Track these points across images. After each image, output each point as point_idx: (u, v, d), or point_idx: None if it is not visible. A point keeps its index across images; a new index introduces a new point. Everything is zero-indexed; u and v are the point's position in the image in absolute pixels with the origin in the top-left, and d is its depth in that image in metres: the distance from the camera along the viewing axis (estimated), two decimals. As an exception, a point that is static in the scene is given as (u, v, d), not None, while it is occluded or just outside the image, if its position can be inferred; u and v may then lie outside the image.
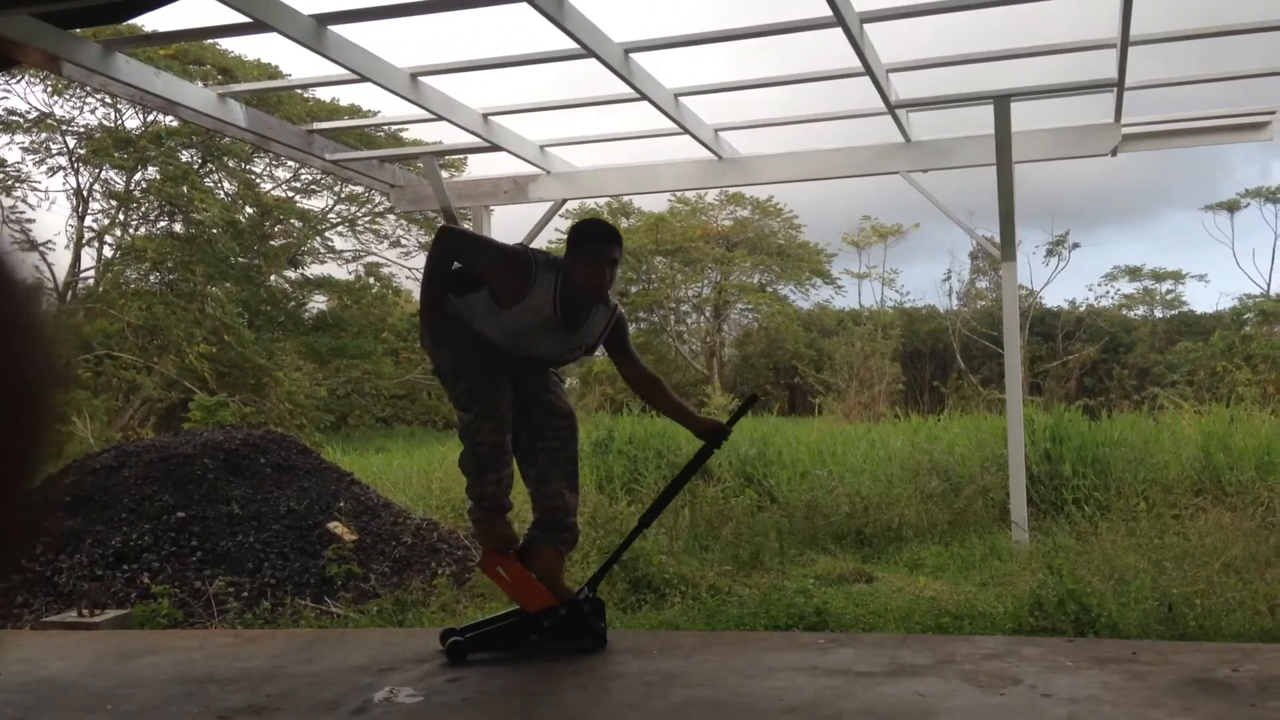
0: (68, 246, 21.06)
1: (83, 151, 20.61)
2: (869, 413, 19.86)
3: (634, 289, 30.51)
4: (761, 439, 10.77)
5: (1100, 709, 3.56)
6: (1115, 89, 7.02)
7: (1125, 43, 6.17)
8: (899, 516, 8.00)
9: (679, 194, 28.85)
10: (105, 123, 20.56)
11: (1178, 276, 30.39)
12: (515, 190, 9.16)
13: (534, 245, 5.81)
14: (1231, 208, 28.49)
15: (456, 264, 4.69)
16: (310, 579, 6.40)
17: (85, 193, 21.14)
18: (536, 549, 4.73)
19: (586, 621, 4.66)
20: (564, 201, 9.33)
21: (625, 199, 28.36)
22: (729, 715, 3.72)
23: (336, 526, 6.88)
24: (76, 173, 21.02)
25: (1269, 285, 27.30)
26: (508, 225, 12.85)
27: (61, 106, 20.27)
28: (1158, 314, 30.69)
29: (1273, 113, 7.78)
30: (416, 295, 4.94)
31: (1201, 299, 47.44)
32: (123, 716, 3.97)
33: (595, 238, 4.63)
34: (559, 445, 4.81)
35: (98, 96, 19.62)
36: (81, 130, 20.57)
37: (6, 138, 20.12)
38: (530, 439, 4.77)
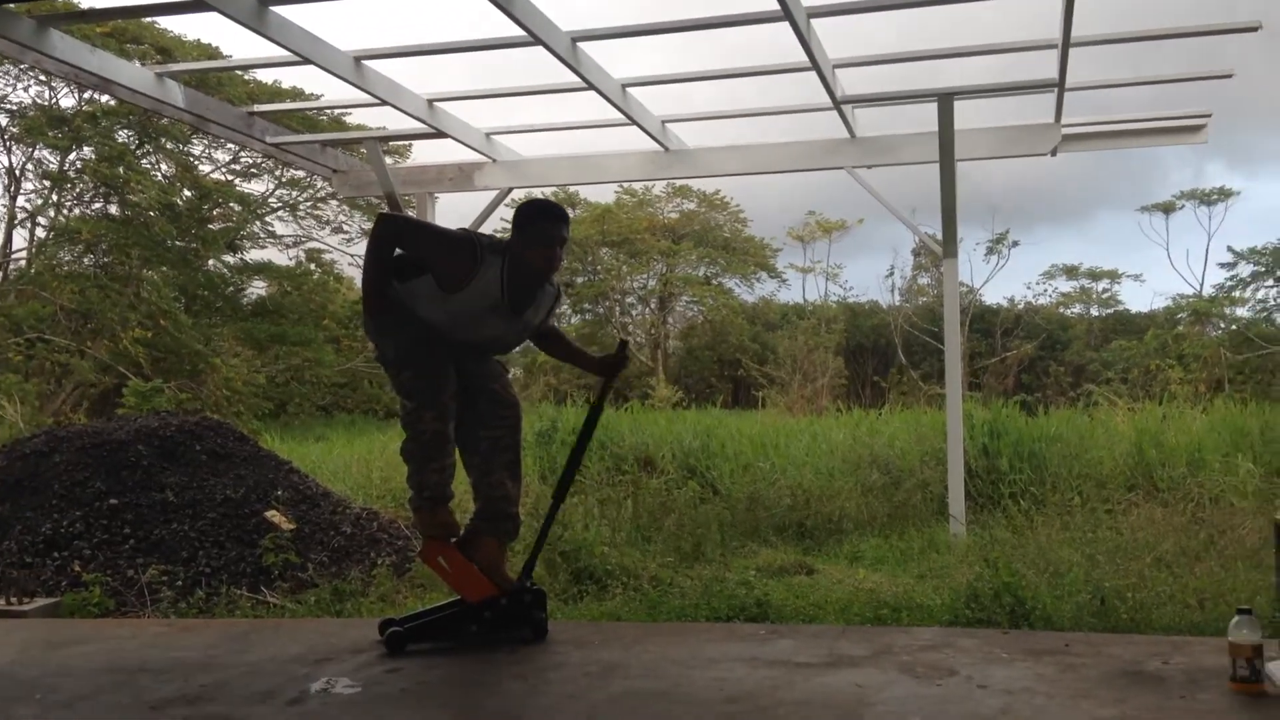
0: (-2, 227, 20.59)
1: (15, 130, 20.12)
2: (812, 406, 20.01)
3: (580, 280, 30.45)
4: (705, 431, 10.81)
5: (1034, 700, 3.62)
6: (1056, 89, 7.13)
7: (1066, 44, 6.26)
8: (840, 509, 8.06)
9: (625, 185, 28.86)
10: (39, 101, 20.09)
11: (1113, 276, 30.99)
12: (460, 178, 9.09)
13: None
14: (1167, 209, 29.04)
15: (399, 250, 4.63)
16: (246, 568, 6.31)
17: (18, 172, 20.66)
18: (478, 539, 4.71)
19: (527, 612, 4.65)
20: (510, 190, 9.28)
21: (571, 189, 28.27)
22: (669, 705, 3.73)
23: (274, 515, 6.78)
24: (9, 151, 20.53)
25: (1201, 286, 27.88)
26: (453, 213, 12.76)
27: (-7, 84, 19.77)
28: (1094, 312, 31.27)
29: (1208, 116, 7.94)
30: (359, 282, 4.89)
31: (1136, 298, 48.38)
32: (52, 706, 3.88)
33: (547, 216, 4.62)
34: (502, 434, 4.79)
35: (31, 73, 19.15)
36: (14, 108, 20.09)
37: (-65, 114, 19.61)
38: (473, 428, 4.73)
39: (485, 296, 4.47)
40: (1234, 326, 23.84)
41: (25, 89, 19.98)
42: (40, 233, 20.97)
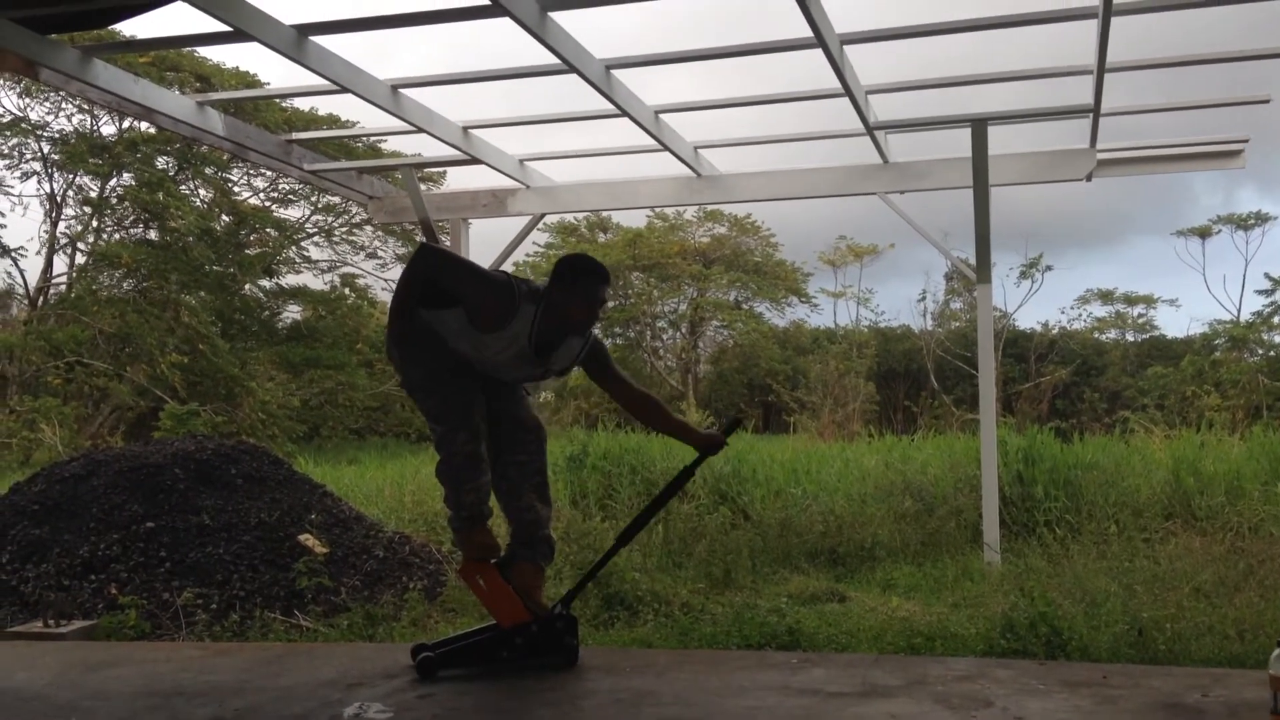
0: (39, 252, 20.93)
1: (57, 157, 20.46)
2: (843, 431, 19.92)
3: (611, 304, 30.52)
4: (736, 456, 10.75)
5: (1071, 732, 3.57)
6: (1091, 115, 7.09)
7: (1102, 69, 6.24)
8: (872, 536, 8.01)
9: (657, 210, 28.91)
10: (80, 129, 20.43)
11: (1149, 301, 30.67)
12: (494, 203, 9.16)
13: (512, 259, 5.76)
14: (1203, 234, 28.76)
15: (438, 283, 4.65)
16: (280, 591, 6.34)
17: (59, 198, 20.99)
18: (516, 564, 4.72)
19: (559, 639, 4.64)
20: (542, 216, 9.34)
21: (604, 214, 28.38)
22: (701, 734, 3.71)
23: (307, 539, 6.82)
24: (50, 178, 20.87)
25: (1239, 311, 27.57)
26: (486, 238, 12.87)
27: (36, 111, 20.15)
28: (1129, 338, 30.95)
29: (1245, 141, 7.88)
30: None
31: (1172, 324, 47.84)
32: (87, 730, 3.91)
33: (596, 274, 4.60)
34: (527, 459, 4.79)
35: (73, 102, 19.49)
36: (56, 135, 20.44)
37: (-20, 141, 19.97)
38: (498, 453, 4.74)
39: (514, 342, 4.49)
40: (1272, 353, 23.54)
41: (69, 118, 20.34)
42: (80, 258, 21.29)
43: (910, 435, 14.62)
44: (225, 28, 5.51)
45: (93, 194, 20.90)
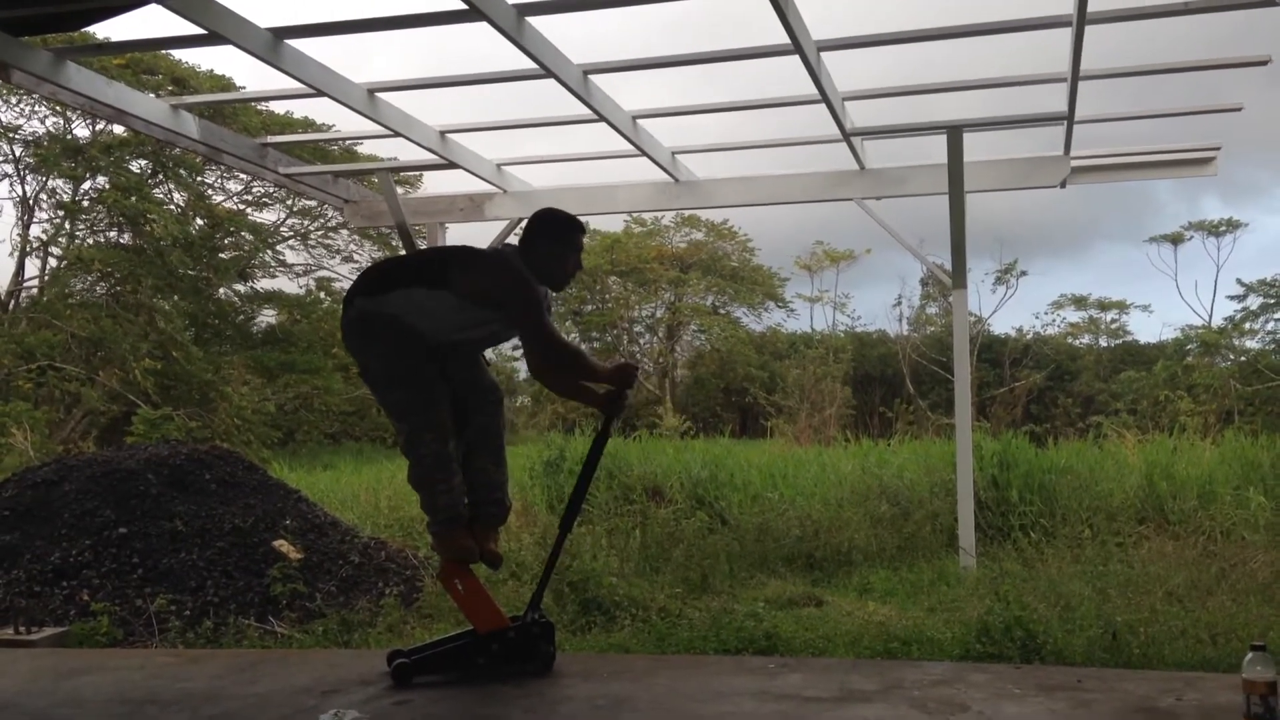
0: (12, 255, 20.72)
1: (30, 160, 20.27)
2: (820, 436, 19.94)
3: (589, 308, 30.50)
4: (713, 461, 10.78)
5: (1046, 736, 3.59)
6: (1065, 122, 7.14)
7: (1075, 77, 6.28)
8: (849, 540, 8.02)
9: (635, 215, 28.92)
10: (54, 130, 20.24)
11: (1122, 306, 30.91)
12: (471, 208, 9.13)
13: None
14: (1175, 240, 29.03)
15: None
16: (254, 598, 6.30)
17: (31, 201, 20.80)
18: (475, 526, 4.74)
19: (535, 645, 4.63)
20: (519, 220, 9.30)
21: (581, 219, 28.32)
22: (678, 740, 3.71)
23: (282, 544, 6.78)
24: (22, 180, 20.68)
25: (1210, 317, 27.82)
26: (463, 243, 12.80)
27: (7, 113, 19.96)
28: (1102, 343, 31.15)
29: (1217, 149, 7.95)
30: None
31: (1145, 329, 48.19)
32: (58, 738, 3.88)
33: (579, 229, 4.73)
34: (487, 420, 4.81)
35: (47, 104, 19.32)
36: (29, 137, 20.25)
37: (-50, 144, 19.76)
38: (461, 417, 4.73)
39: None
40: (1243, 358, 23.76)
41: (42, 120, 20.15)
42: (52, 261, 21.10)
43: (886, 440, 14.66)
44: (200, 30, 5.47)
45: (66, 197, 20.72)
